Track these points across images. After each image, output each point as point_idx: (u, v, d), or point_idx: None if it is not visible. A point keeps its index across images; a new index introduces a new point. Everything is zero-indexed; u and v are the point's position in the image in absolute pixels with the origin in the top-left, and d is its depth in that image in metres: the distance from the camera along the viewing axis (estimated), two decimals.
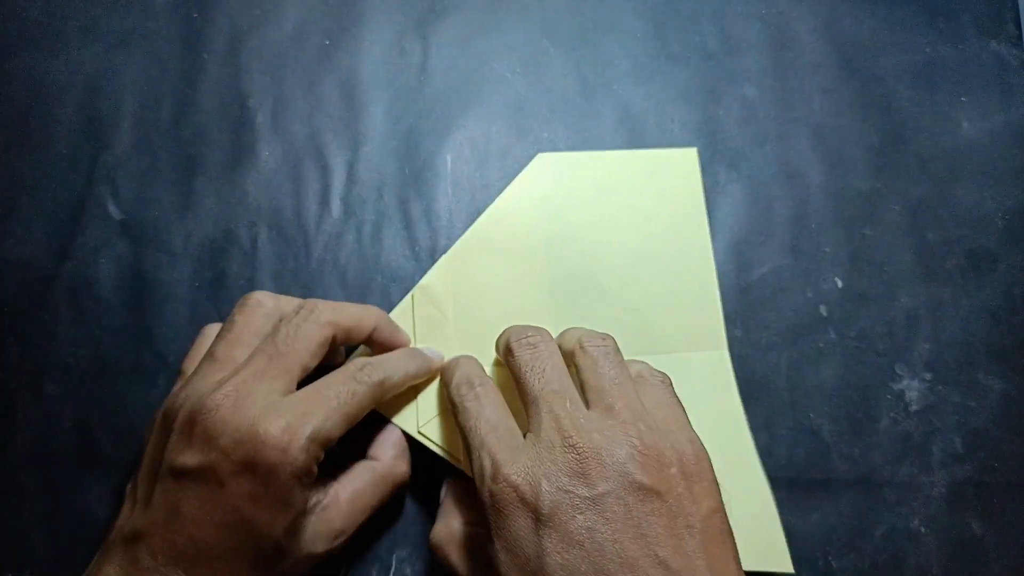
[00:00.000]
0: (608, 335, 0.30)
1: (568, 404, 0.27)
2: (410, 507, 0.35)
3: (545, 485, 0.25)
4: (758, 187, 0.39)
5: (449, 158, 0.39)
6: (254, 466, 0.26)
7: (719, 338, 0.36)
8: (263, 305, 0.31)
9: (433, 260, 0.38)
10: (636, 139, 0.40)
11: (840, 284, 0.38)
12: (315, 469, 0.28)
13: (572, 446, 0.26)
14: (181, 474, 0.27)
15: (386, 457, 0.32)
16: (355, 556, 0.34)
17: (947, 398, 0.37)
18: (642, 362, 0.31)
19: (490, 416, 0.29)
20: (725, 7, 0.42)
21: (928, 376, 0.37)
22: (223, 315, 0.37)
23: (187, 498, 0.27)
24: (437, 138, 0.39)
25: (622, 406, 0.27)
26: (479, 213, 0.39)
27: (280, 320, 0.30)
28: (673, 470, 0.26)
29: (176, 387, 0.30)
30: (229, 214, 0.38)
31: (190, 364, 0.32)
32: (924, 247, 0.39)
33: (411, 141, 0.39)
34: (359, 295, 0.37)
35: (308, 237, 0.38)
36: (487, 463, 0.27)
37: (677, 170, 0.38)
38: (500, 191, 0.39)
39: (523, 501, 0.25)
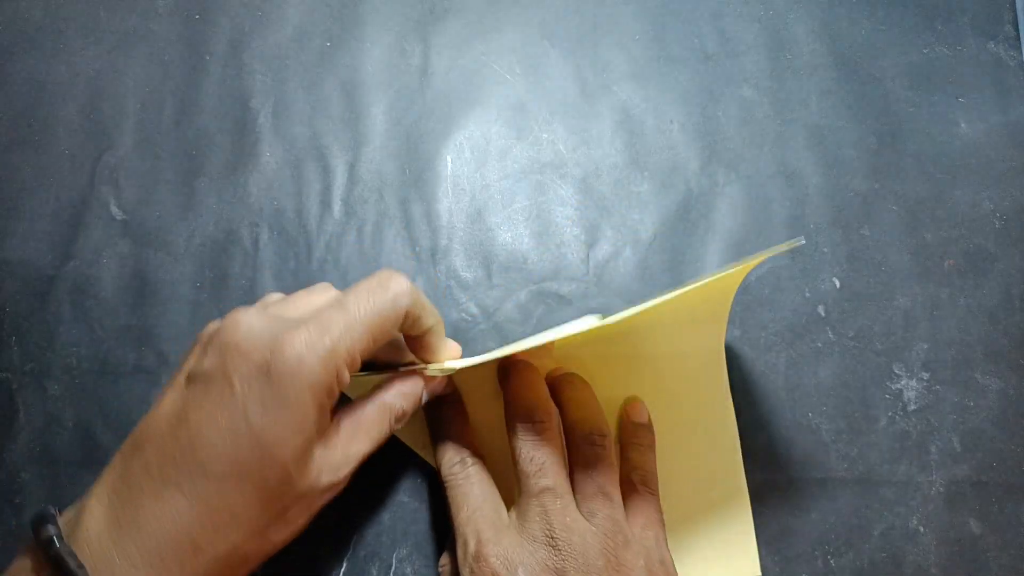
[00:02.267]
0: (606, 427, 0.32)
1: (559, 503, 0.29)
2: (410, 506, 0.35)
3: (521, 573, 0.27)
4: (756, 188, 0.39)
5: (449, 159, 0.39)
6: (268, 371, 0.24)
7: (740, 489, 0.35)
8: (328, 289, 0.30)
9: (434, 260, 0.38)
10: (635, 140, 0.40)
11: (838, 284, 0.38)
12: (336, 390, 0.26)
13: (554, 545, 0.28)
14: (194, 378, 0.25)
15: (391, 391, 0.29)
16: (355, 555, 0.34)
17: (945, 398, 0.37)
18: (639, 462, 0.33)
19: (478, 495, 0.30)
20: (724, 9, 0.42)
21: (926, 376, 0.37)
22: (224, 315, 0.37)
23: (195, 401, 0.25)
24: (437, 139, 0.40)
25: (604, 516, 0.29)
26: (479, 213, 0.39)
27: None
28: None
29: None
30: (231, 214, 0.38)
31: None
32: (922, 247, 0.39)
33: (412, 142, 0.40)
34: None
35: (309, 237, 0.38)
36: (471, 541, 0.28)
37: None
38: (500, 191, 0.39)
39: None
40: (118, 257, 0.38)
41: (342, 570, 0.34)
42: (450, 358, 0.32)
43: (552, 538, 0.28)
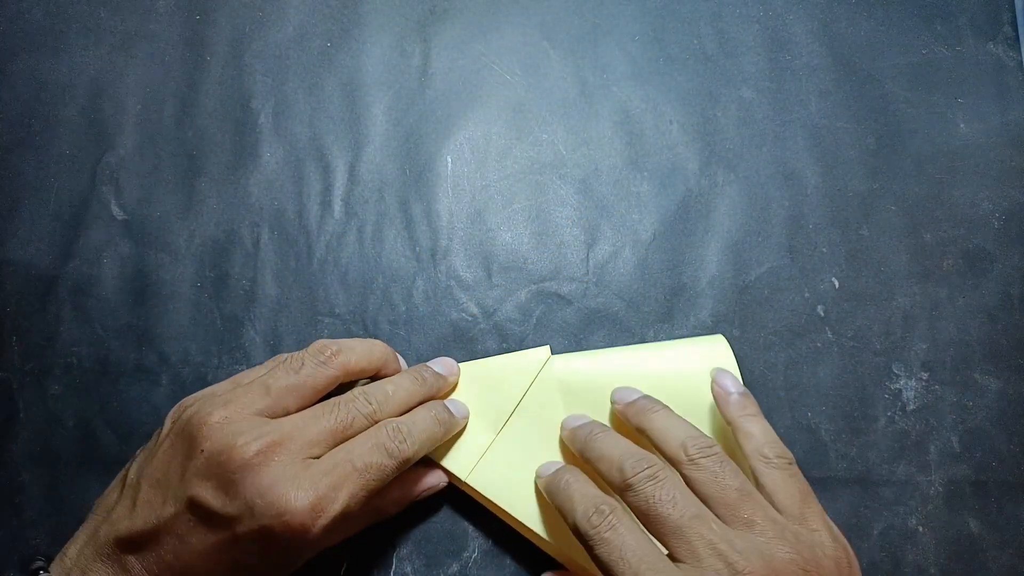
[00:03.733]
0: (707, 436, 0.30)
1: (714, 526, 0.27)
2: (410, 506, 0.35)
3: None
4: (755, 188, 0.39)
5: (449, 159, 0.39)
6: (272, 536, 0.26)
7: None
8: (336, 359, 0.31)
9: (434, 260, 0.38)
10: (635, 140, 0.40)
11: (837, 284, 0.38)
12: (331, 527, 0.27)
13: (737, 570, 0.25)
14: (197, 507, 0.27)
15: (389, 511, 0.33)
16: (355, 554, 0.34)
17: (944, 397, 0.37)
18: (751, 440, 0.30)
19: (635, 546, 0.26)
20: (723, 10, 0.42)
21: (925, 375, 0.37)
22: (224, 315, 0.37)
23: (198, 533, 0.27)
24: (438, 139, 0.40)
25: (761, 517, 0.27)
26: (479, 213, 0.39)
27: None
28: None
29: (218, 387, 0.30)
30: (231, 215, 0.38)
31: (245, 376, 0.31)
32: (921, 247, 0.39)
33: (412, 142, 0.40)
34: (360, 295, 0.37)
35: (310, 237, 0.38)
36: None
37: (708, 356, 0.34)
38: (500, 191, 0.39)
39: None
40: (119, 257, 0.38)
41: (342, 570, 0.34)
42: (461, 428, 0.34)
43: (736, 568, 0.25)
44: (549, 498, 0.31)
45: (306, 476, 0.27)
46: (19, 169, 0.39)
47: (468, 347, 0.37)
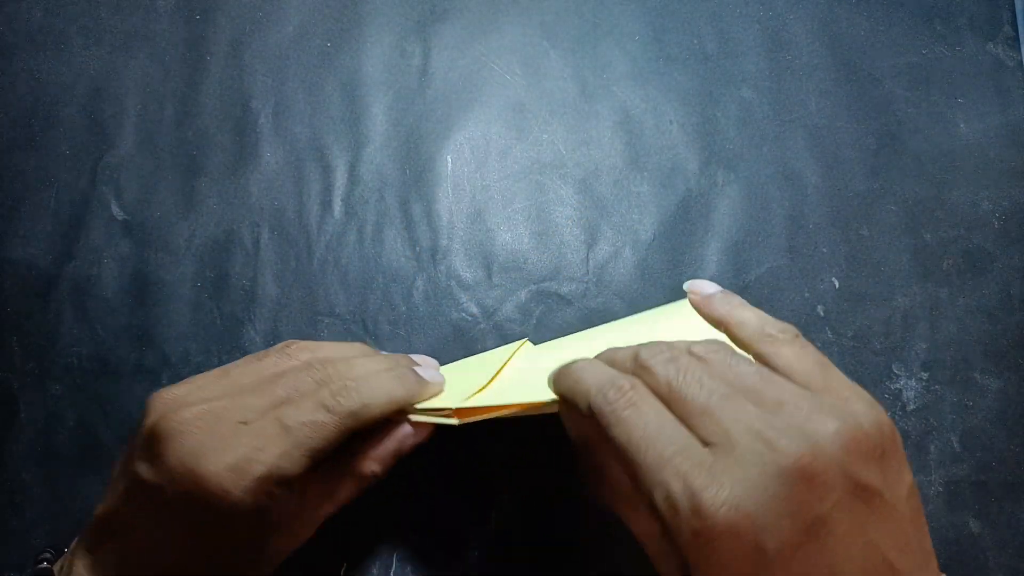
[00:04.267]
0: (714, 340, 0.25)
1: (749, 406, 0.22)
2: (410, 506, 0.35)
3: (764, 513, 0.20)
4: (755, 188, 0.39)
5: (450, 159, 0.39)
6: (195, 503, 0.25)
7: None
8: (301, 353, 0.30)
9: (434, 260, 0.38)
10: (635, 140, 0.40)
11: (837, 284, 0.38)
12: (272, 507, 0.26)
13: (778, 450, 0.21)
14: (136, 482, 0.26)
15: (361, 460, 0.30)
16: (355, 554, 0.34)
17: (944, 397, 0.37)
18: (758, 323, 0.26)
19: (660, 425, 0.23)
20: (723, 10, 0.42)
21: (925, 376, 0.37)
22: (225, 315, 0.37)
23: (144, 512, 0.26)
24: (438, 139, 0.40)
25: (789, 395, 0.23)
26: (479, 213, 0.39)
27: (312, 383, 0.29)
28: (879, 452, 0.22)
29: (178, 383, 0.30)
30: (231, 215, 0.38)
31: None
32: (921, 247, 0.39)
33: (412, 142, 0.40)
34: (360, 295, 0.37)
35: (310, 237, 0.38)
36: (677, 488, 0.21)
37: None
38: (500, 191, 0.39)
39: (739, 538, 0.20)
40: (119, 257, 0.38)
41: (342, 570, 0.34)
42: (434, 394, 0.31)
43: (769, 443, 0.21)
44: (560, 391, 0.26)
45: (228, 439, 0.26)
46: (19, 169, 0.39)
47: (468, 347, 0.37)
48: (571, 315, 0.38)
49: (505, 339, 0.37)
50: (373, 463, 0.29)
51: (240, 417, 0.27)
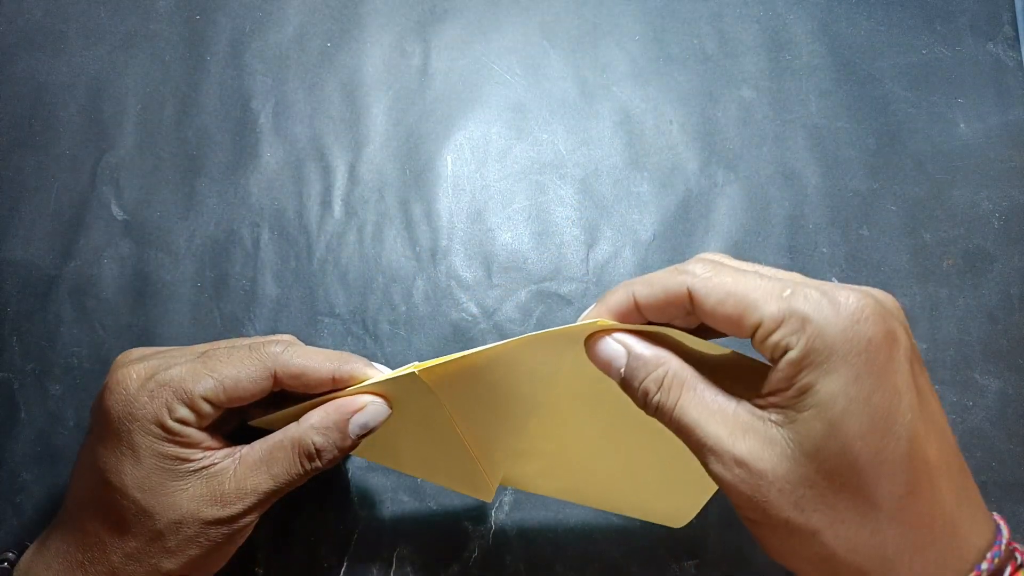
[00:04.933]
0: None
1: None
2: (410, 506, 0.35)
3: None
4: (755, 188, 0.39)
5: (449, 159, 0.40)
6: (103, 408, 0.27)
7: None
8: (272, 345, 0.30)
9: (434, 260, 0.38)
10: (635, 140, 0.40)
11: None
12: (172, 425, 0.27)
13: (839, 292, 0.23)
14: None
15: (304, 424, 0.28)
16: (355, 554, 0.34)
17: (944, 397, 0.37)
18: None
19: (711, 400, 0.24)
20: (723, 10, 0.42)
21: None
22: (225, 315, 0.37)
23: (79, 452, 0.29)
24: (438, 139, 0.40)
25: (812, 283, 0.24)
26: (479, 213, 0.39)
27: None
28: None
29: None
30: (231, 215, 0.38)
31: None
32: (921, 247, 0.39)
33: (412, 142, 0.40)
34: (360, 295, 0.37)
35: (310, 237, 0.38)
36: (815, 294, 0.22)
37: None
38: (500, 191, 0.39)
39: (894, 337, 0.22)
40: (119, 257, 0.38)
41: (342, 570, 0.34)
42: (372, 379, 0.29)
43: (824, 291, 0.22)
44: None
45: (149, 358, 0.28)
46: (19, 169, 0.39)
47: (468, 347, 0.37)
48: (571, 315, 0.38)
49: (505, 339, 0.37)
50: (314, 433, 0.28)
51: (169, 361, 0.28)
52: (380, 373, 0.29)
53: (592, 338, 0.27)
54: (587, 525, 0.35)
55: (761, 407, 0.24)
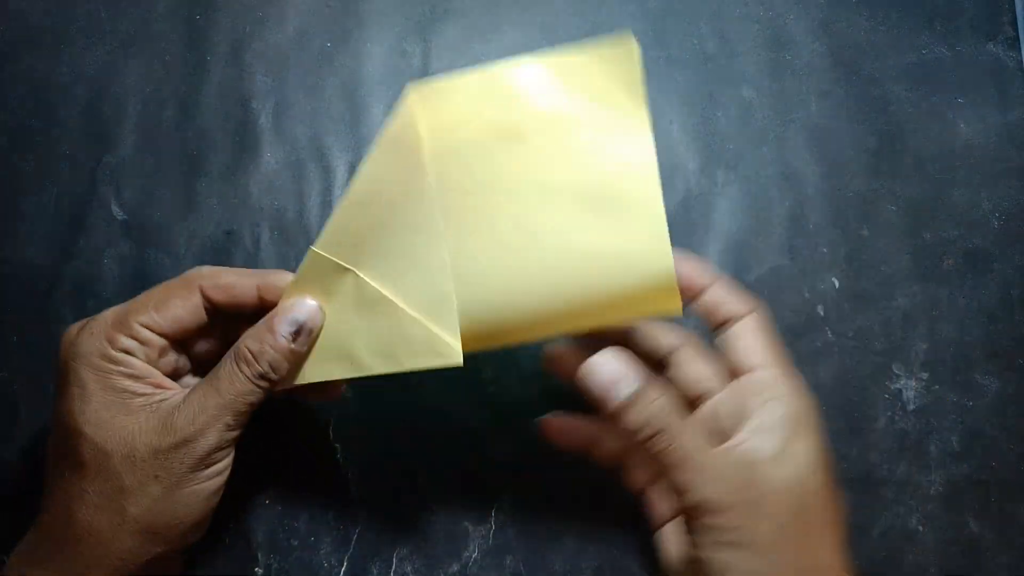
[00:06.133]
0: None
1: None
2: (410, 506, 0.35)
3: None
4: (756, 188, 0.39)
5: None
6: (58, 365, 0.29)
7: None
8: (188, 275, 0.31)
9: None
10: None
11: (837, 284, 0.38)
12: (115, 355, 0.28)
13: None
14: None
15: (241, 348, 0.29)
16: (355, 555, 0.34)
17: (944, 397, 0.37)
18: None
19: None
20: (723, 10, 0.42)
21: (925, 375, 0.37)
22: None
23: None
24: None
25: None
26: None
27: None
28: None
29: None
30: (232, 215, 0.38)
31: None
32: (921, 247, 0.39)
33: None
34: None
35: (310, 238, 0.38)
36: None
37: (610, 68, 0.28)
38: None
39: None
40: (119, 257, 0.38)
41: (342, 570, 0.34)
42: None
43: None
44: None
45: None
46: (19, 169, 0.39)
47: None
48: None
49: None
50: (247, 339, 0.29)
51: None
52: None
53: (591, 360, 0.27)
54: (587, 525, 0.35)
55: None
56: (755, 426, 0.27)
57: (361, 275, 0.29)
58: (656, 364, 0.31)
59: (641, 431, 0.26)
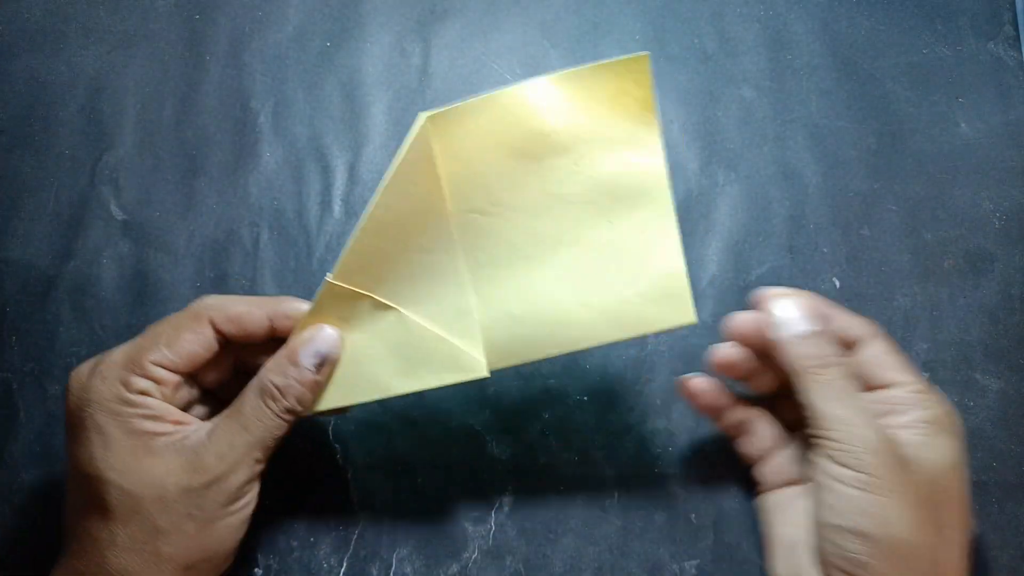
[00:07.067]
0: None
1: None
2: (410, 506, 0.35)
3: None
4: (756, 188, 0.39)
5: None
6: (66, 411, 0.28)
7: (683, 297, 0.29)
8: (195, 306, 0.30)
9: None
10: None
11: (838, 284, 0.38)
12: (132, 397, 0.27)
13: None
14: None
15: (261, 370, 0.29)
16: (355, 554, 0.34)
17: (945, 398, 0.37)
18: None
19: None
20: (723, 9, 0.42)
21: (925, 376, 0.37)
22: None
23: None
24: None
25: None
26: None
27: None
28: None
29: None
30: (231, 214, 0.38)
31: None
32: (921, 247, 0.39)
33: None
34: None
35: (310, 237, 0.38)
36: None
37: (621, 84, 0.29)
38: None
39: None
40: (118, 257, 0.38)
41: (342, 570, 0.34)
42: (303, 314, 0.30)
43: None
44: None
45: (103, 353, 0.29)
46: (18, 169, 0.39)
47: None
48: None
49: None
50: (270, 373, 0.28)
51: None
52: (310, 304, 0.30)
53: (783, 297, 0.30)
54: (587, 525, 0.35)
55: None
56: (900, 422, 0.29)
57: (379, 298, 0.29)
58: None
59: (813, 360, 0.29)
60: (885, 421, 0.29)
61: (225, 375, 0.31)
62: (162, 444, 0.27)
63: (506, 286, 0.29)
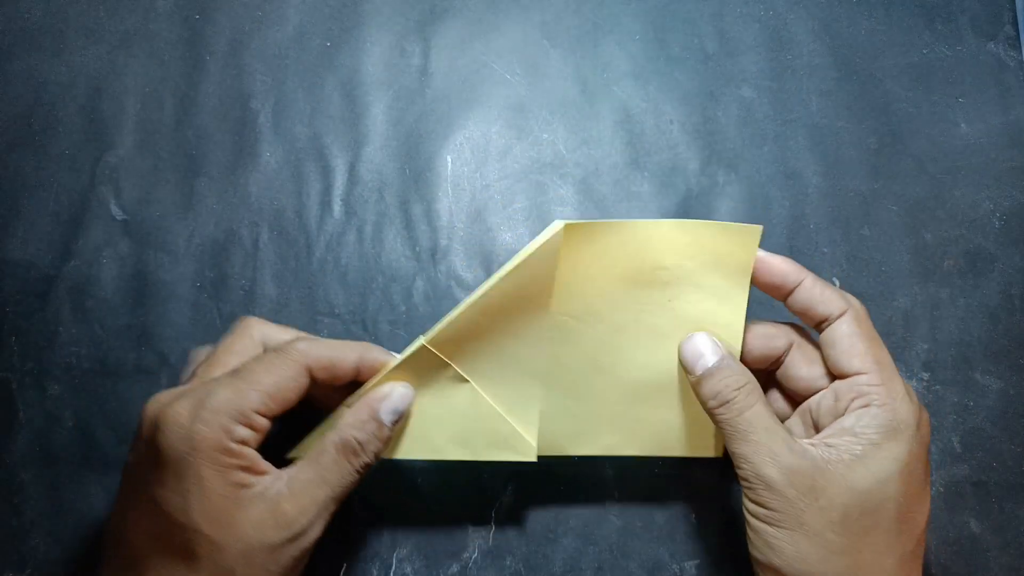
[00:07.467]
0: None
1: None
2: (410, 506, 0.35)
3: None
4: (756, 188, 0.39)
5: (449, 159, 0.39)
6: (157, 448, 0.26)
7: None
8: (250, 329, 0.31)
9: (434, 260, 0.38)
10: (635, 140, 0.40)
11: (838, 284, 0.38)
12: (232, 447, 0.27)
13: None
14: (122, 473, 0.28)
15: (341, 425, 0.29)
16: (355, 554, 0.34)
17: (945, 398, 0.37)
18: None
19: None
20: (724, 9, 0.42)
21: (926, 376, 0.37)
22: (224, 315, 0.37)
23: (123, 496, 0.28)
24: (438, 139, 0.40)
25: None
26: (479, 213, 0.39)
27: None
28: None
29: None
30: (231, 214, 0.38)
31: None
32: (921, 247, 0.39)
33: (412, 142, 0.40)
34: (360, 295, 0.37)
35: (310, 237, 0.38)
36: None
37: (731, 247, 0.31)
38: (500, 191, 0.39)
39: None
40: (118, 257, 0.38)
41: (342, 570, 0.34)
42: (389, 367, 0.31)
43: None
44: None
45: (191, 391, 0.28)
46: (18, 169, 0.39)
47: None
48: None
49: None
50: (351, 429, 0.29)
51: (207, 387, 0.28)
52: (397, 359, 0.31)
53: (689, 336, 0.32)
54: (587, 526, 0.35)
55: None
56: (843, 427, 0.28)
57: (459, 370, 0.31)
58: (776, 361, 0.32)
59: (710, 401, 0.30)
60: (827, 429, 0.29)
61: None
62: (249, 496, 0.27)
63: (574, 386, 0.32)
